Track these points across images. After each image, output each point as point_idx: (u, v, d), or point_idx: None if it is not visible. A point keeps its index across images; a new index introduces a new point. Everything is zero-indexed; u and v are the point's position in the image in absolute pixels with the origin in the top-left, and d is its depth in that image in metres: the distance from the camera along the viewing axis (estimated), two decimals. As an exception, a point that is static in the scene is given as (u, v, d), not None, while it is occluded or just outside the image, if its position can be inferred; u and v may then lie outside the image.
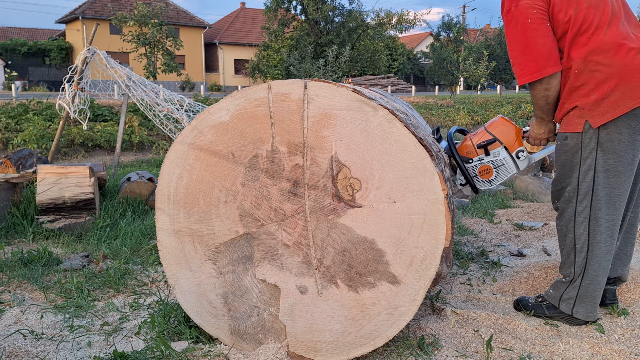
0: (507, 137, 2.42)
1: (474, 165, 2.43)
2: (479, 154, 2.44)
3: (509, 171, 2.44)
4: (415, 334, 2.19)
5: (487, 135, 2.42)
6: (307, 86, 1.85)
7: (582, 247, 2.21)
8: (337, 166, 1.86)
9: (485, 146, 2.41)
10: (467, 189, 2.47)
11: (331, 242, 1.90)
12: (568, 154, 2.17)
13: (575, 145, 2.13)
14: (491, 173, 2.43)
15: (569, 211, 2.23)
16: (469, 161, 2.43)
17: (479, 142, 2.42)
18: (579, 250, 2.23)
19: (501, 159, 2.42)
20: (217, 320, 2.06)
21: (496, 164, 2.43)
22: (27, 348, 2.14)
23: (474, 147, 2.44)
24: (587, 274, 2.22)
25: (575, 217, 2.21)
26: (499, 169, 2.43)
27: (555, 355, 2.04)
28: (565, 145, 2.16)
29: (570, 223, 2.24)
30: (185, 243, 2.05)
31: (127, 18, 24.97)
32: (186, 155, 1.99)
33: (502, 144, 2.41)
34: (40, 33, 39.60)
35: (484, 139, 2.42)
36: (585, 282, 2.22)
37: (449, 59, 25.73)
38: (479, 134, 2.45)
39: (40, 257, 3.22)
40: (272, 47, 28.15)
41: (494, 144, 2.41)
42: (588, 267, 2.21)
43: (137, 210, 4.51)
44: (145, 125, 12.60)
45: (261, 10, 29.92)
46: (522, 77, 2.11)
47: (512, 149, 2.41)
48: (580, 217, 2.20)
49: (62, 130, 6.50)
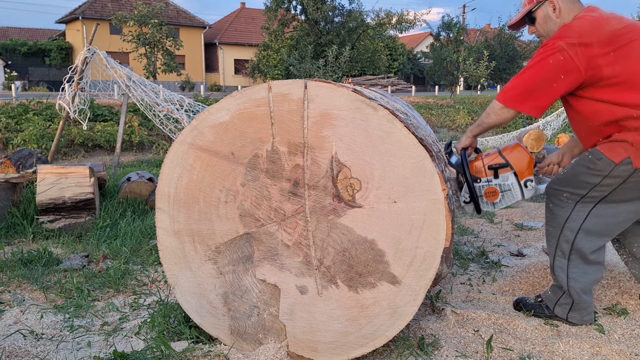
0: (519, 164, 2.42)
1: (481, 185, 2.44)
2: (487, 175, 2.44)
3: (514, 197, 2.44)
4: (415, 334, 2.19)
5: (500, 158, 2.42)
6: (307, 86, 1.85)
7: (566, 256, 2.25)
8: (338, 166, 1.86)
9: (496, 169, 2.41)
10: (469, 207, 2.47)
11: (331, 242, 1.90)
12: (591, 171, 2.16)
13: (602, 170, 2.12)
14: (497, 196, 2.43)
15: (560, 217, 2.25)
16: (477, 180, 2.44)
17: (491, 163, 2.43)
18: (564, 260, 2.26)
19: (509, 184, 2.42)
20: (217, 320, 2.06)
21: (503, 188, 2.43)
22: (27, 348, 2.14)
23: (484, 168, 2.44)
24: (571, 288, 2.25)
25: (564, 226, 2.24)
26: (505, 194, 2.43)
27: (555, 355, 2.04)
28: (593, 163, 2.15)
29: (557, 229, 2.26)
30: (186, 243, 2.05)
31: (127, 18, 24.98)
32: (186, 155, 1.99)
33: (513, 169, 2.42)
34: (40, 33, 39.60)
35: (496, 161, 2.43)
36: (576, 297, 2.26)
37: (449, 59, 25.74)
38: (492, 155, 2.46)
39: (40, 257, 3.22)
40: (272, 47, 28.15)
41: (505, 169, 2.42)
42: (571, 279, 2.24)
43: (137, 210, 4.51)
44: (145, 125, 12.60)
45: (261, 10, 29.89)
46: (503, 94, 2.19)
47: (522, 177, 2.42)
48: (567, 230, 2.23)
49: (62, 130, 6.50)
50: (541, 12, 2.27)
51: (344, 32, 26.31)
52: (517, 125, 15.90)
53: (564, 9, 2.22)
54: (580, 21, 2.13)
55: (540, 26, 2.30)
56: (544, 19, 2.27)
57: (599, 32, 2.07)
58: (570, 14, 2.21)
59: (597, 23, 2.11)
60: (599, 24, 2.10)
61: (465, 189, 2.45)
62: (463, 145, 2.43)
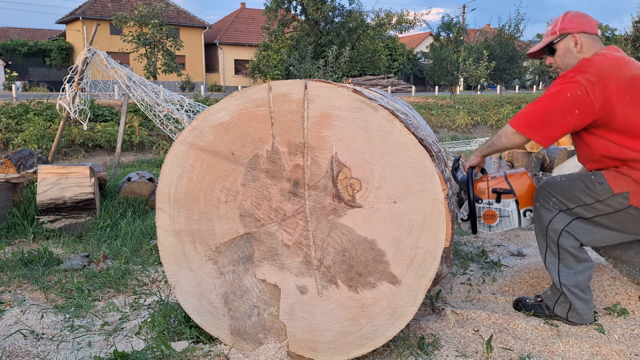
0: (523, 193, 2.44)
1: (481, 206, 2.46)
2: (490, 198, 2.46)
3: (511, 224, 2.46)
4: (415, 334, 2.19)
5: (505, 184, 2.44)
6: (307, 86, 1.86)
7: (556, 254, 2.27)
8: (338, 166, 1.86)
9: (500, 193, 2.43)
10: (466, 224, 2.49)
11: (331, 242, 1.90)
12: (587, 191, 2.18)
13: (598, 195, 2.15)
14: (495, 220, 2.45)
15: (544, 218, 2.28)
16: (479, 201, 2.46)
17: (495, 187, 2.44)
18: (554, 258, 2.28)
19: (509, 210, 2.44)
20: (218, 320, 2.07)
21: (502, 214, 2.45)
22: (27, 348, 2.14)
23: (488, 190, 2.46)
24: (564, 286, 2.26)
25: (547, 227, 2.26)
26: (503, 219, 2.45)
27: (555, 355, 2.04)
28: (593, 185, 2.17)
29: (543, 229, 2.29)
30: (186, 243, 2.05)
31: (127, 18, 24.98)
32: (187, 155, 1.99)
33: (516, 197, 2.43)
34: (41, 33, 39.61)
35: (501, 186, 2.44)
36: (568, 295, 2.27)
37: (449, 59, 25.73)
38: (498, 179, 2.48)
39: (41, 257, 3.22)
40: (272, 47, 28.14)
41: (509, 195, 2.44)
42: (562, 276, 2.26)
43: (137, 210, 4.52)
44: (145, 125, 12.61)
45: (261, 10, 29.91)
46: (517, 119, 2.20)
47: (523, 206, 2.44)
48: (551, 231, 2.25)
49: (62, 131, 6.51)
50: (562, 44, 2.28)
51: (344, 32, 26.31)
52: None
53: (586, 45, 2.24)
54: (601, 58, 2.14)
55: (560, 58, 2.32)
56: (564, 52, 2.29)
57: (619, 74, 2.09)
58: (590, 50, 2.23)
59: (619, 64, 2.12)
60: (620, 66, 2.11)
61: (465, 207, 2.48)
62: (471, 163, 2.45)
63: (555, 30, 2.29)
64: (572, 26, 2.26)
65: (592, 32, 2.26)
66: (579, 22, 2.26)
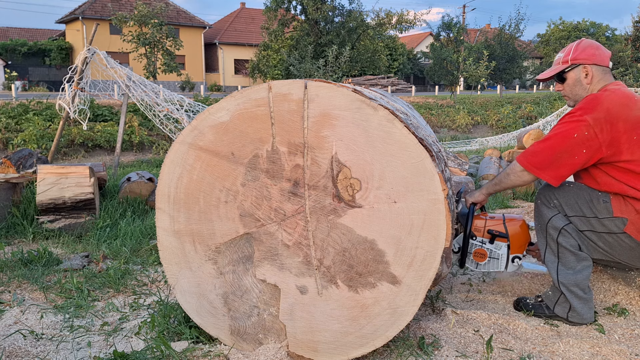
0: (516, 240, 2.48)
1: (474, 243, 2.50)
2: (484, 237, 2.49)
3: (498, 267, 2.50)
4: (415, 334, 2.19)
5: (502, 227, 2.48)
6: (307, 86, 1.85)
7: (555, 253, 2.27)
8: (338, 166, 1.86)
9: (495, 235, 2.47)
10: (454, 257, 2.52)
11: (331, 242, 1.90)
12: (590, 204, 2.20)
13: (598, 212, 2.18)
14: (484, 259, 2.50)
15: (544, 216, 2.29)
16: (473, 237, 2.49)
17: (491, 228, 2.48)
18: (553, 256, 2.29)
19: (500, 253, 2.48)
20: (217, 321, 2.06)
21: (492, 255, 2.49)
22: (27, 348, 2.14)
23: (484, 229, 2.49)
24: (561, 284, 2.27)
25: (547, 225, 2.27)
26: (491, 260, 2.49)
27: (555, 355, 2.04)
28: (597, 201, 2.19)
29: (543, 226, 2.30)
30: (186, 243, 2.05)
31: (127, 18, 24.99)
32: (186, 155, 1.99)
33: (509, 242, 2.47)
34: (40, 33, 39.62)
35: (497, 228, 2.48)
36: (566, 293, 2.27)
37: (449, 59, 25.73)
38: (496, 220, 2.51)
39: (40, 257, 3.22)
40: (272, 47, 28.14)
41: (502, 239, 2.48)
42: (560, 274, 2.27)
43: (137, 210, 4.51)
44: (145, 125, 12.60)
45: (261, 10, 29.89)
46: (525, 157, 2.22)
47: (513, 252, 2.48)
48: (551, 228, 2.26)
49: (62, 131, 6.50)
50: (573, 74, 2.30)
51: (344, 32, 26.31)
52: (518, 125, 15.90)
53: (596, 77, 2.26)
54: (610, 95, 2.15)
55: (569, 87, 2.33)
56: (574, 82, 2.30)
57: (628, 113, 2.10)
58: (600, 83, 2.25)
59: (628, 103, 2.13)
60: (629, 105, 2.13)
61: (458, 239, 2.51)
62: (474, 200, 2.47)
63: (567, 60, 2.30)
64: (584, 57, 2.27)
65: (604, 64, 2.27)
66: (592, 53, 2.27)
